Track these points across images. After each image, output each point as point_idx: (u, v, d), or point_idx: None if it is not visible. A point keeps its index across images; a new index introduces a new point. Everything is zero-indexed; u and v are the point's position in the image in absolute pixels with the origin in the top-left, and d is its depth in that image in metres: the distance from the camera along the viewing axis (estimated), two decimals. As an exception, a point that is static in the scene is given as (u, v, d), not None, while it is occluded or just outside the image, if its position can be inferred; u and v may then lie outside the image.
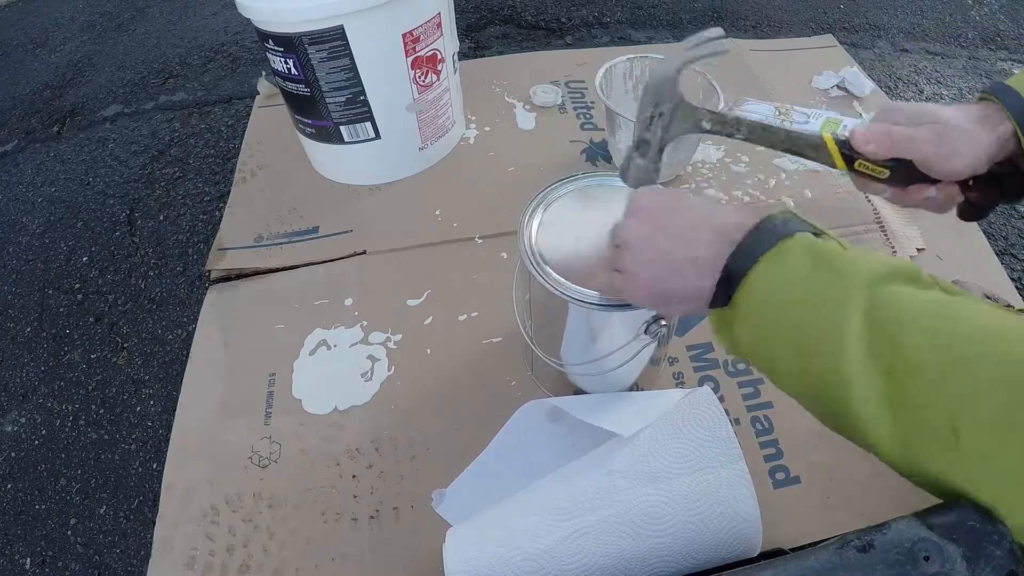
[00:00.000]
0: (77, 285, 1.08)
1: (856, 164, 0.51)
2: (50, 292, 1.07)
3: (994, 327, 0.28)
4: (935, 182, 0.50)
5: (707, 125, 0.53)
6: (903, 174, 0.50)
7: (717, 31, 0.51)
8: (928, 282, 0.33)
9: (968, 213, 0.54)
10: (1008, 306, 0.78)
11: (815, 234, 0.36)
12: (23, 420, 0.92)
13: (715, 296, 0.36)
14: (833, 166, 0.52)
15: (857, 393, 0.30)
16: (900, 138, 0.49)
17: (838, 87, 1.17)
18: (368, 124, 0.91)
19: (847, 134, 0.51)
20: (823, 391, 0.32)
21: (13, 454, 0.89)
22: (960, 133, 0.47)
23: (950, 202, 0.53)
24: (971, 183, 0.51)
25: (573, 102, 1.13)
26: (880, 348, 0.29)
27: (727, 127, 0.53)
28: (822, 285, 0.32)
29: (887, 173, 0.50)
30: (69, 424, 0.91)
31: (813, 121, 1.09)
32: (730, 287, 0.35)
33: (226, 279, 0.89)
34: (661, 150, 0.54)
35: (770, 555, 0.49)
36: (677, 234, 0.40)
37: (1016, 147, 0.48)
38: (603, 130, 1.07)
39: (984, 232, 0.95)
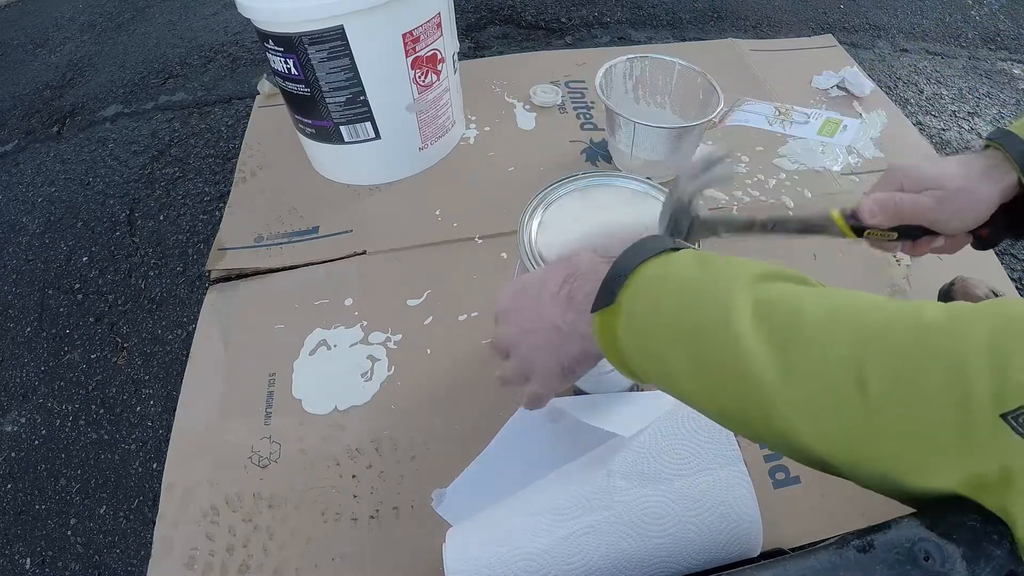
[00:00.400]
0: (77, 285, 1.08)
1: (866, 233, 0.54)
2: (50, 292, 1.07)
3: (896, 300, 0.28)
4: (941, 234, 0.52)
5: (722, 231, 0.57)
6: (911, 232, 0.53)
7: (722, 151, 0.54)
8: (816, 283, 0.33)
9: (980, 245, 0.56)
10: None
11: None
12: (23, 420, 0.92)
13: (597, 299, 0.35)
14: (843, 237, 0.55)
15: (753, 361, 0.28)
16: (905, 207, 0.50)
17: (838, 87, 1.17)
18: (368, 124, 0.91)
19: (852, 209, 0.54)
20: (717, 372, 0.30)
21: (13, 454, 0.89)
22: (963, 195, 0.49)
23: (959, 246, 0.55)
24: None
25: (573, 102, 1.13)
26: (773, 322, 0.28)
27: (743, 228, 0.56)
28: (710, 278, 0.32)
29: (895, 235, 0.53)
30: (69, 424, 0.91)
31: (813, 121, 1.10)
32: (615, 286, 0.34)
33: (226, 279, 0.89)
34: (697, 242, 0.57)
35: (770, 555, 0.49)
36: (532, 330, 0.40)
37: (1020, 192, 0.49)
38: (603, 130, 1.07)
39: (984, 232, 0.95)
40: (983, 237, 0.54)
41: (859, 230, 0.54)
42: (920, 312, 0.26)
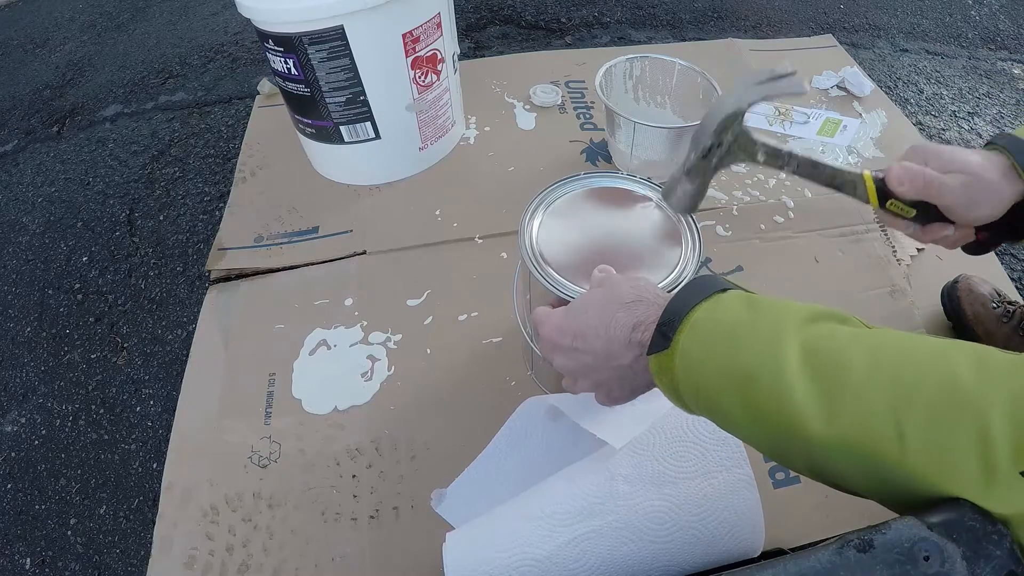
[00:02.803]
0: (77, 285, 1.08)
1: (888, 203, 0.54)
2: (50, 292, 1.07)
3: (932, 344, 0.30)
4: (953, 223, 0.53)
5: (761, 158, 0.54)
6: (927, 214, 0.53)
7: (790, 68, 0.52)
8: (856, 321, 0.34)
9: (974, 250, 0.57)
10: (1012, 302, 0.79)
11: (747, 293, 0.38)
12: (23, 420, 0.92)
13: (652, 343, 0.37)
14: (867, 202, 0.55)
15: (800, 409, 0.30)
16: (933, 183, 0.51)
17: (838, 87, 1.17)
18: (368, 124, 0.91)
19: (882, 175, 0.53)
20: (768, 414, 0.32)
21: (13, 454, 0.89)
22: (987, 185, 0.50)
23: (963, 241, 0.55)
24: (983, 224, 0.54)
25: (573, 102, 1.13)
26: (819, 372, 0.30)
27: (779, 161, 0.55)
28: (759, 321, 0.34)
29: (914, 213, 0.53)
30: (69, 424, 0.91)
31: (813, 121, 1.10)
32: (669, 330, 0.36)
33: (226, 279, 0.89)
34: (710, 178, 0.55)
35: (770, 555, 0.48)
36: (593, 366, 0.42)
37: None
38: (603, 130, 1.07)
39: (984, 232, 0.95)
40: (981, 240, 0.55)
41: (883, 198, 0.54)
42: (954, 368, 0.28)
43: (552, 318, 0.44)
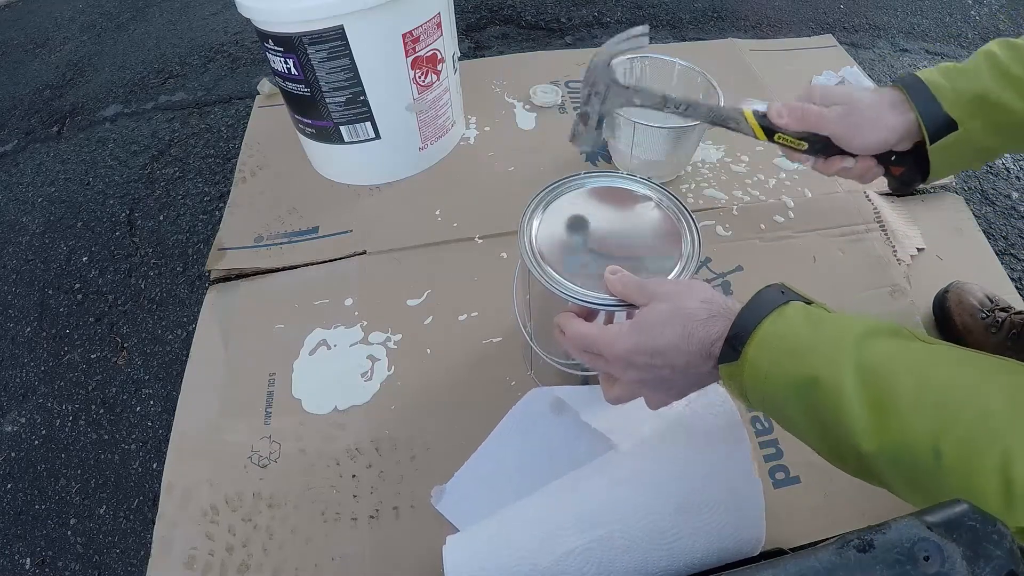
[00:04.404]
0: (77, 285, 1.08)
1: (776, 137, 0.58)
2: (50, 292, 1.07)
3: (975, 373, 0.34)
4: (853, 156, 0.57)
5: (637, 100, 0.61)
6: (820, 147, 0.57)
7: (642, 28, 0.60)
8: (907, 334, 0.38)
9: (896, 187, 0.60)
10: (1007, 307, 0.78)
11: (807, 302, 0.41)
12: (23, 420, 0.92)
13: (723, 355, 0.41)
14: (755, 137, 0.59)
15: (855, 421, 0.34)
16: (811, 115, 0.56)
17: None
18: (368, 124, 0.91)
19: (764, 110, 0.58)
20: (826, 423, 0.36)
21: (13, 454, 0.89)
22: (867, 113, 0.54)
23: (869, 175, 0.59)
24: (893, 159, 0.57)
25: (573, 102, 1.13)
26: (872, 388, 0.34)
27: (654, 101, 0.61)
28: (819, 336, 0.37)
29: (805, 146, 0.58)
30: (69, 424, 0.91)
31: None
32: (738, 343, 0.40)
33: (226, 279, 0.89)
34: (600, 121, 0.64)
35: (770, 555, 0.49)
36: (670, 378, 0.44)
37: (919, 132, 0.54)
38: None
39: (984, 232, 0.95)
40: (896, 175, 0.58)
41: (770, 133, 0.58)
42: (989, 400, 0.32)
43: (621, 338, 0.44)
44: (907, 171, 0.58)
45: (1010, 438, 0.30)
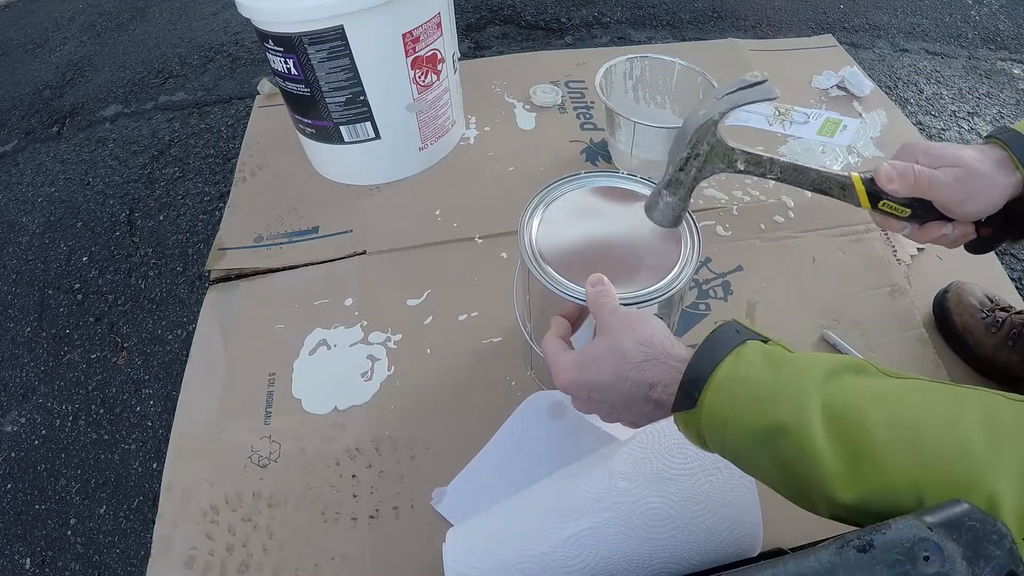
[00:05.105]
0: (77, 285, 1.08)
1: (880, 204, 0.52)
2: (50, 292, 1.07)
3: (946, 401, 0.32)
4: (951, 220, 0.52)
5: (741, 166, 0.53)
6: (922, 213, 0.52)
7: (758, 75, 0.52)
8: (873, 371, 0.36)
9: (977, 248, 0.55)
10: (1008, 307, 0.78)
11: (763, 340, 0.39)
12: (23, 420, 0.92)
13: (677, 402, 0.39)
14: (859, 205, 0.53)
15: (827, 469, 0.32)
16: (923, 179, 0.50)
17: (838, 87, 1.17)
18: (368, 124, 0.91)
19: (871, 174, 0.52)
20: (795, 471, 0.34)
21: (13, 454, 0.89)
22: (980, 177, 0.49)
23: (964, 239, 0.54)
24: (983, 220, 0.52)
25: (573, 102, 1.13)
26: (842, 431, 0.33)
27: (760, 167, 0.53)
28: (781, 379, 0.35)
29: (908, 212, 0.52)
30: (69, 424, 0.91)
31: (813, 121, 1.10)
32: (694, 390, 0.38)
33: (226, 279, 0.89)
34: (691, 190, 0.54)
35: (770, 555, 0.49)
36: (615, 411, 0.44)
37: (1020, 194, 0.49)
38: (603, 130, 1.07)
39: (984, 232, 0.95)
40: (984, 236, 0.53)
41: (874, 199, 0.52)
42: (968, 433, 0.31)
43: (565, 371, 0.45)
44: (995, 232, 0.53)
45: (993, 479, 0.29)
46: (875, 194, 0.52)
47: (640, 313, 0.45)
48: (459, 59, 1.00)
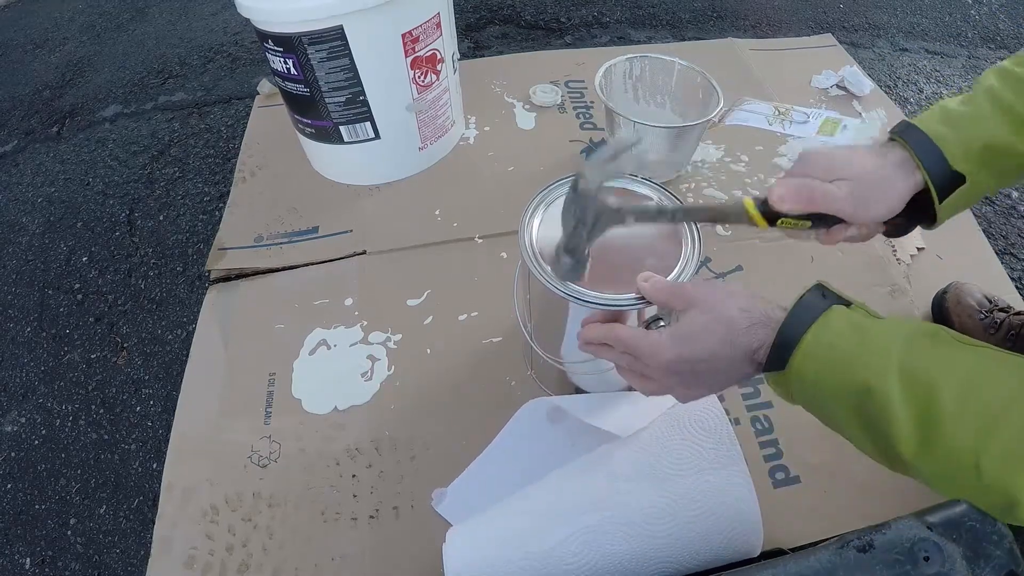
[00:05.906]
0: (77, 285, 1.08)
1: (779, 222, 0.51)
2: (50, 292, 1.07)
3: (1015, 377, 0.34)
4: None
5: (632, 221, 0.53)
6: (824, 221, 0.51)
7: (633, 138, 0.56)
8: (948, 339, 0.38)
9: (893, 232, 0.56)
10: (1007, 307, 0.78)
11: (846, 304, 0.42)
12: (23, 420, 0.92)
13: (769, 362, 0.42)
14: (758, 226, 0.52)
15: (900, 435, 0.35)
16: (817, 196, 0.49)
17: (838, 86, 1.17)
18: (368, 124, 0.91)
19: (764, 196, 0.51)
20: (877, 430, 0.37)
21: (13, 454, 0.89)
22: (876, 186, 0.49)
23: (872, 234, 0.54)
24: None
25: (573, 102, 1.13)
26: (914, 396, 0.35)
27: (652, 218, 0.54)
28: (867, 346, 0.38)
29: (809, 224, 0.51)
30: (69, 424, 0.91)
31: (812, 120, 1.09)
32: (783, 353, 0.40)
33: (226, 279, 0.89)
34: (587, 250, 0.54)
35: (770, 555, 0.49)
36: (710, 380, 0.46)
37: (926, 185, 0.49)
38: (603, 130, 1.07)
39: (984, 232, 0.95)
40: (896, 224, 0.54)
41: (772, 218, 0.51)
42: None
43: (666, 349, 0.45)
44: (905, 220, 0.53)
45: None
46: (772, 214, 0.51)
47: (723, 283, 0.47)
48: (459, 59, 1.00)
